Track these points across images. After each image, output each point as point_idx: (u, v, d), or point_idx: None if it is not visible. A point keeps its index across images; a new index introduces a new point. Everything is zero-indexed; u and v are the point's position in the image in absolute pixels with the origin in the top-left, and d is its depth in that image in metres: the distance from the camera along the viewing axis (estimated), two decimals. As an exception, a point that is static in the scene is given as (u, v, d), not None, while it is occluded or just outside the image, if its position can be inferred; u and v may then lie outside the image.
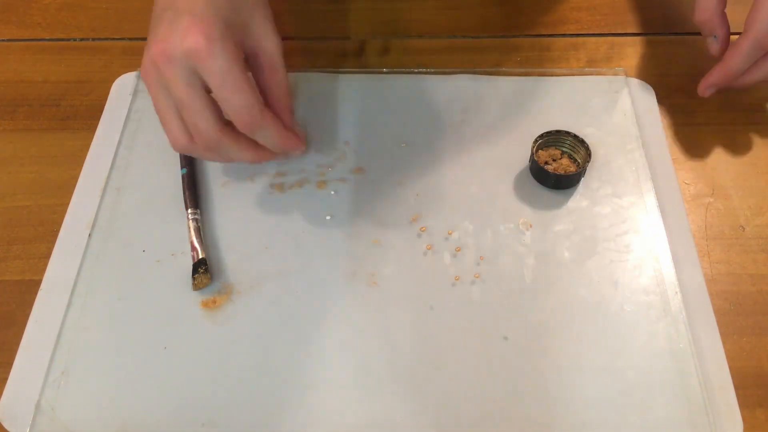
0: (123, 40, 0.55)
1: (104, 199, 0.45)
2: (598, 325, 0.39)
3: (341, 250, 0.42)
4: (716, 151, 0.48)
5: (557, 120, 0.48)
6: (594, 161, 0.46)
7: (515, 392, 0.37)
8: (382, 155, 0.47)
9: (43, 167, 0.47)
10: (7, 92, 0.52)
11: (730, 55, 0.45)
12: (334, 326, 0.39)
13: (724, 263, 0.42)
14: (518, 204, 0.44)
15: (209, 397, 0.37)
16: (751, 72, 0.46)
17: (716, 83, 0.47)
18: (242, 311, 0.40)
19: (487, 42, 0.55)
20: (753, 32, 0.44)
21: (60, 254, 0.42)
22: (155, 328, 0.39)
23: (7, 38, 0.56)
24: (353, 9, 0.57)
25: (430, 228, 0.43)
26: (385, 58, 0.54)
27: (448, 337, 0.39)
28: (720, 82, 0.47)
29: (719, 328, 0.39)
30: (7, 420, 0.36)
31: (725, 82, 0.47)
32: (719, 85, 0.47)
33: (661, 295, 0.40)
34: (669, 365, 0.38)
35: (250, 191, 0.45)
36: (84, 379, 0.37)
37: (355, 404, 0.37)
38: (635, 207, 0.44)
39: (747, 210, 0.45)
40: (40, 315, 0.40)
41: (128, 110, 0.49)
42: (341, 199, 0.45)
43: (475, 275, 0.41)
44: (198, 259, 0.41)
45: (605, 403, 0.37)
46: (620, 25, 0.56)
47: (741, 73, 0.46)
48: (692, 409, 0.36)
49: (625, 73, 0.51)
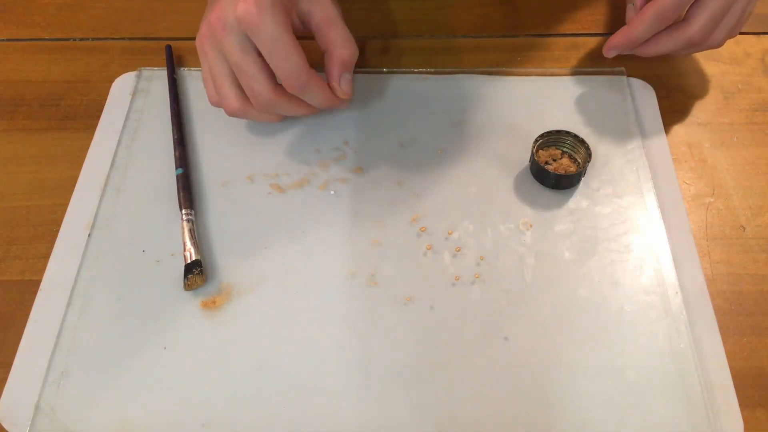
0: (123, 40, 0.55)
1: (104, 199, 0.45)
2: (598, 325, 0.39)
3: (341, 250, 0.42)
4: (716, 151, 0.48)
5: (557, 120, 0.48)
6: (594, 161, 0.46)
7: (515, 392, 0.37)
8: (382, 155, 0.47)
9: (43, 167, 0.47)
10: (6, 92, 0.52)
11: (634, 21, 0.46)
12: (334, 326, 0.39)
13: (725, 263, 0.42)
14: (518, 204, 0.44)
15: (209, 397, 0.37)
16: (653, 43, 0.46)
17: (617, 45, 0.47)
18: (242, 311, 0.40)
19: (487, 42, 0.55)
20: (658, 3, 0.44)
21: (59, 254, 0.42)
22: (155, 328, 0.39)
23: (7, 38, 0.56)
24: (353, 9, 0.57)
25: (430, 228, 0.43)
26: (385, 58, 0.54)
27: (448, 337, 0.39)
28: (621, 45, 0.47)
29: (719, 328, 0.39)
30: (6, 420, 0.36)
31: (626, 46, 0.47)
32: (620, 48, 0.47)
33: (662, 295, 0.40)
34: (669, 365, 0.38)
35: (249, 191, 0.45)
36: (84, 379, 0.37)
37: (355, 404, 0.37)
38: (635, 207, 0.44)
39: (747, 210, 0.45)
40: (40, 315, 0.40)
41: (128, 110, 0.49)
42: (341, 199, 0.45)
43: (475, 275, 0.41)
44: (192, 260, 0.41)
45: (605, 403, 0.37)
46: (620, 25, 0.56)
47: (641, 40, 0.46)
48: (692, 409, 0.36)
49: (625, 73, 0.51)
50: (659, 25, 0.45)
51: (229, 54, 0.40)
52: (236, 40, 0.39)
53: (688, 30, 0.45)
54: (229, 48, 0.40)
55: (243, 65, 0.40)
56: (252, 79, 0.40)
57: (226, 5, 0.39)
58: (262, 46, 0.39)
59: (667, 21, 0.44)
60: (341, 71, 0.44)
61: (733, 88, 0.51)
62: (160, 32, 0.56)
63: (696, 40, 0.45)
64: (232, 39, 0.39)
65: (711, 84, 0.52)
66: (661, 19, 0.44)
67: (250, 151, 0.47)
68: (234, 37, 0.39)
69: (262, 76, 0.40)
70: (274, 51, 0.39)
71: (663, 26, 0.45)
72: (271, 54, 0.39)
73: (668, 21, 0.45)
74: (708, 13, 0.44)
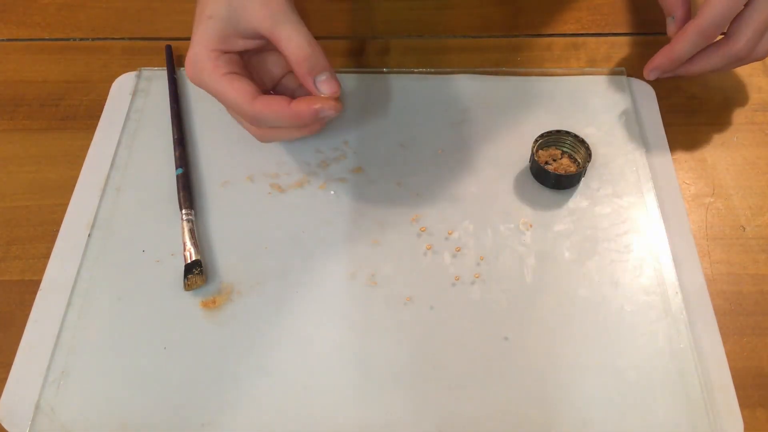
0: (123, 40, 0.55)
1: (104, 199, 0.45)
2: (598, 325, 0.39)
3: (341, 250, 0.42)
4: (716, 151, 0.48)
5: (557, 120, 0.48)
6: (594, 161, 0.46)
7: (515, 392, 0.37)
8: (382, 155, 0.47)
9: (43, 167, 0.47)
10: (6, 92, 0.52)
11: (675, 40, 0.45)
12: (334, 326, 0.39)
13: (725, 263, 0.42)
14: (518, 204, 0.44)
15: (209, 397, 0.37)
16: (696, 61, 0.46)
17: (660, 67, 0.46)
18: (242, 311, 0.40)
19: (487, 42, 0.55)
20: (700, 19, 0.43)
21: (59, 254, 0.42)
22: (155, 328, 0.39)
23: (7, 38, 0.56)
24: (353, 9, 0.57)
25: (430, 228, 0.43)
26: (385, 58, 0.54)
27: (448, 337, 0.39)
28: (663, 66, 0.46)
29: (719, 328, 0.39)
30: (6, 420, 0.36)
31: (669, 66, 0.46)
32: (663, 68, 0.46)
33: (662, 295, 0.40)
34: (669, 365, 0.38)
35: (249, 191, 0.45)
36: (84, 379, 0.37)
37: (355, 404, 0.37)
38: (635, 207, 0.44)
39: (747, 210, 0.45)
40: (40, 315, 0.40)
41: (128, 110, 0.49)
42: (341, 199, 0.45)
43: (475, 275, 0.41)
44: (192, 260, 0.41)
45: (605, 403, 0.37)
46: (620, 25, 0.56)
47: (684, 59, 0.45)
48: (692, 409, 0.36)
49: (625, 73, 0.51)
50: (703, 42, 0.44)
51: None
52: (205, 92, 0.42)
53: (735, 46, 0.44)
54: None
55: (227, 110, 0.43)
56: (239, 122, 0.44)
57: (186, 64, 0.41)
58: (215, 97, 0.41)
59: (711, 38, 0.44)
60: (310, 74, 0.40)
61: (733, 88, 0.51)
62: (160, 32, 0.56)
63: (742, 55, 0.44)
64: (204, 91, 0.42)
65: (711, 84, 0.52)
66: (704, 37, 0.43)
67: (250, 151, 0.47)
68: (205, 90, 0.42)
69: (240, 118, 0.43)
70: (219, 100, 0.41)
71: (706, 44, 0.44)
72: (221, 102, 0.41)
73: (712, 38, 0.44)
74: (753, 27, 0.43)
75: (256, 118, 0.40)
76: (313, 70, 0.40)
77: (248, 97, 0.40)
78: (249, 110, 0.40)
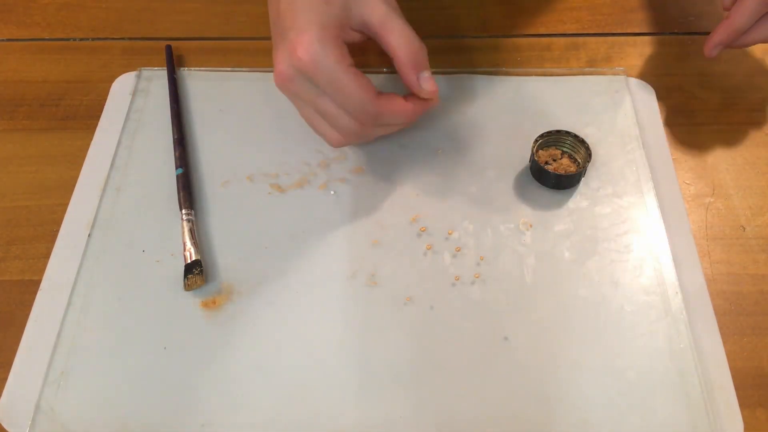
0: (123, 40, 0.55)
1: (104, 199, 0.45)
2: (598, 325, 0.39)
3: (341, 250, 0.42)
4: (716, 151, 0.48)
5: (557, 120, 0.48)
6: (594, 161, 0.46)
7: (515, 392, 0.37)
8: (382, 155, 0.47)
9: (43, 167, 0.47)
10: (6, 92, 0.52)
11: (735, 11, 0.46)
12: (334, 326, 0.39)
13: (725, 263, 0.42)
14: (518, 204, 0.44)
15: (209, 397, 0.37)
16: (753, 30, 0.46)
17: (721, 41, 0.47)
18: (242, 311, 0.40)
19: (487, 42, 0.55)
20: None
21: (59, 254, 0.42)
22: (155, 328, 0.39)
23: (7, 38, 0.56)
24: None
25: (430, 228, 0.43)
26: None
27: (448, 337, 0.39)
28: (725, 40, 0.47)
29: (719, 328, 0.39)
30: (6, 420, 0.36)
31: (730, 39, 0.47)
32: (724, 42, 0.47)
33: (662, 295, 0.40)
34: (669, 365, 0.38)
35: (249, 191, 0.45)
36: (84, 379, 0.37)
37: (355, 404, 0.37)
38: (635, 207, 0.44)
39: (747, 210, 0.45)
40: (40, 315, 0.40)
41: (128, 110, 0.49)
42: (341, 199, 0.45)
43: (475, 275, 0.41)
44: (192, 260, 0.41)
45: (605, 403, 0.37)
46: (620, 25, 0.56)
47: (744, 30, 0.46)
48: (692, 409, 0.36)
49: (625, 73, 0.51)
50: (761, 10, 0.45)
51: (307, 100, 0.41)
52: (306, 87, 0.40)
53: None
54: (304, 95, 0.40)
55: (322, 107, 0.40)
56: (335, 119, 0.41)
57: (283, 54, 0.39)
58: (324, 89, 0.39)
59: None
60: (416, 70, 0.41)
61: (733, 88, 0.51)
62: (160, 32, 0.56)
63: None
64: (302, 87, 0.40)
65: (711, 84, 0.52)
66: (764, 4, 0.44)
67: (250, 151, 0.47)
68: (303, 85, 0.40)
69: (341, 113, 0.40)
70: (335, 92, 0.39)
71: (765, 11, 0.45)
72: (334, 96, 0.39)
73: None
74: None
75: (376, 116, 0.40)
76: (419, 66, 0.41)
77: (372, 94, 0.39)
78: (372, 108, 0.39)
